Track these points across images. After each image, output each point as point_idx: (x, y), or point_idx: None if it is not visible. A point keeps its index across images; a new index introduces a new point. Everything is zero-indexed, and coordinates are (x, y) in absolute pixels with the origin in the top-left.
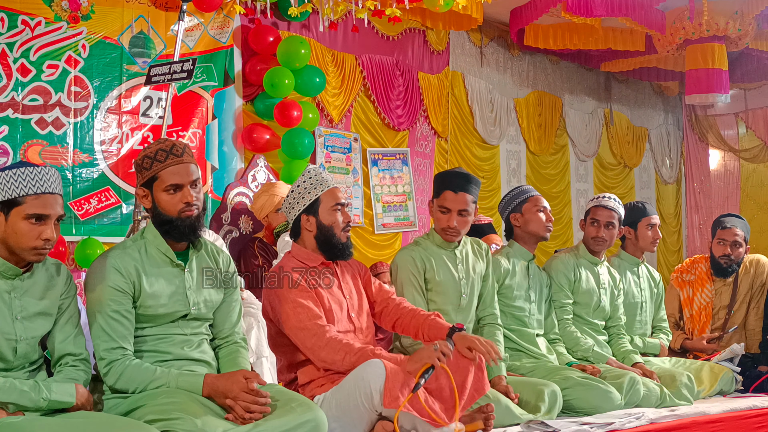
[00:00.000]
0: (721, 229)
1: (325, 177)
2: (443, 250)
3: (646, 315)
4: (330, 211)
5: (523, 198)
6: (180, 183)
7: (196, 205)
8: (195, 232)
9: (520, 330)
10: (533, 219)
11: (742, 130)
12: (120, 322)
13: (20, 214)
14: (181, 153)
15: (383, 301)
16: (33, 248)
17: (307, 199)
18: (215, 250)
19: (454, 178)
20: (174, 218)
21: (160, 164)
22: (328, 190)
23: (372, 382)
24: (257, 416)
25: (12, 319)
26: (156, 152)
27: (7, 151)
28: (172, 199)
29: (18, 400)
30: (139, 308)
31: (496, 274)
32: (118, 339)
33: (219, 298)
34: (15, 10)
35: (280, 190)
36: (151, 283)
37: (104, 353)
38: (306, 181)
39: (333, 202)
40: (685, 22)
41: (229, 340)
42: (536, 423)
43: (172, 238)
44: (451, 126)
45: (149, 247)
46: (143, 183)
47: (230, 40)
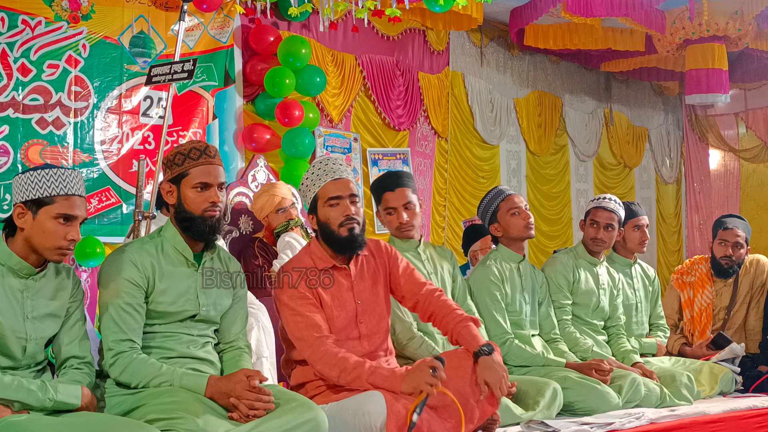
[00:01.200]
0: (722, 229)
1: (329, 169)
2: (407, 253)
3: (642, 316)
4: (324, 207)
5: (495, 206)
6: (209, 182)
7: (220, 207)
8: (214, 233)
9: (515, 333)
10: (510, 224)
11: (742, 130)
12: (131, 315)
13: (49, 213)
14: (213, 155)
15: (413, 296)
16: (58, 248)
17: (308, 200)
18: (227, 256)
19: (386, 179)
20: (197, 216)
21: (192, 161)
22: (326, 183)
23: (373, 418)
24: (261, 413)
25: (23, 318)
26: (190, 150)
27: (8, 151)
28: (199, 197)
29: (25, 399)
30: (150, 304)
31: (491, 285)
32: (127, 331)
33: (228, 303)
34: (15, 10)
35: (281, 191)
36: (164, 280)
37: (113, 344)
38: (309, 177)
39: (326, 196)
40: (685, 22)
41: (234, 345)
42: (536, 423)
43: (192, 236)
44: (451, 126)
45: (166, 245)
46: (171, 178)
47: (230, 40)
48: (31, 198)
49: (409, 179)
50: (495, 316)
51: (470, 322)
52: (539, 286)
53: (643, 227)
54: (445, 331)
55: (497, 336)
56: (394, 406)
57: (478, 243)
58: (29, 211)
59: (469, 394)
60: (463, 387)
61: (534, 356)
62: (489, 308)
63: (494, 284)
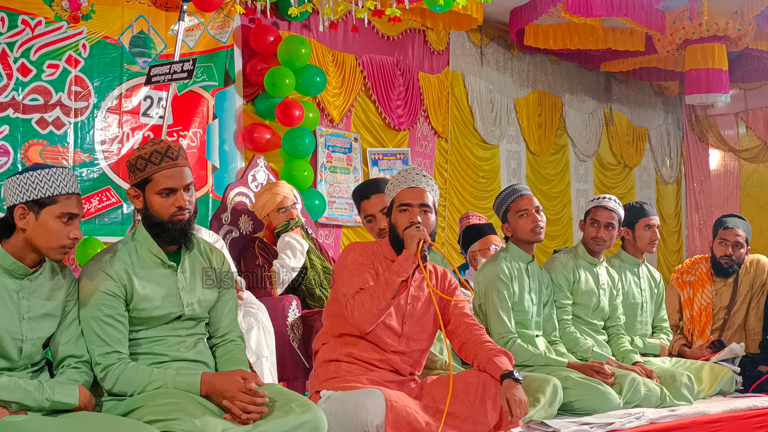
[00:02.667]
0: (723, 229)
1: (408, 177)
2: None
3: (647, 315)
4: (396, 211)
5: (506, 205)
6: (174, 187)
7: (188, 209)
8: (186, 236)
9: (520, 332)
10: (517, 225)
11: (742, 130)
12: (114, 327)
13: (53, 212)
14: (176, 156)
15: (456, 322)
16: (62, 246)
17: (387, 202)
18: (208, 248)
19: (362, 187)
20: (165, 221)
21: (154, 166)
22: (402, 190)
23: (371, 415)
24: (255, 416)
25: (19, 318)
26: (151, 154)
27: (8, 151)
28: (165, 202)
29: (22, 400)
30: (132, 311)
31: (500, 282)
32: (112, 343)
33: (213, 297)
34: (15, 10)
35: (282, 190)
36: (143, 285)
37: (99, 358)
38: (392, 182)
39: (399, 202)
40: (685, 22)
41: (226, 338)
42: (536, 423)
43: (163, 241)
44: (452, 126)
45: (140, 249)
46: (135, 183)
47: (230, 40)
48: (32, 198)
49: (384, 184)
50: (500, 315)
51: (502, 354)
52: (546, 288)
53: (654, 227)
54: (473, 359)
55: (500, 335)
56: (394, 405)
57: (477, 243)
58: (31, 212)
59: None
60: (469, 403)
61: (536, 356)
62: (495, 306)
63: (503, 282)
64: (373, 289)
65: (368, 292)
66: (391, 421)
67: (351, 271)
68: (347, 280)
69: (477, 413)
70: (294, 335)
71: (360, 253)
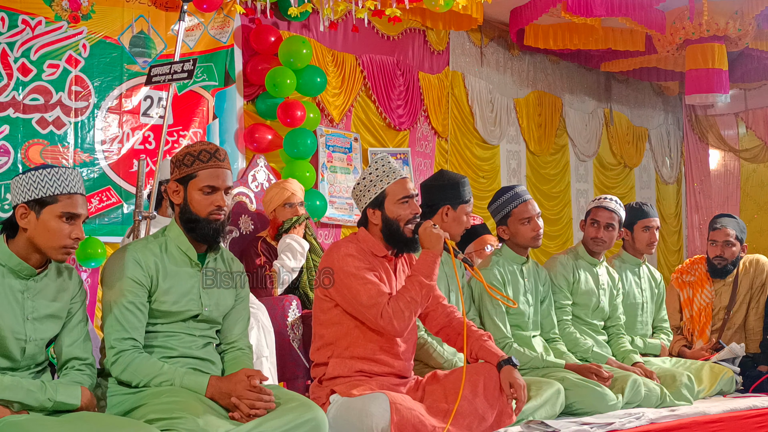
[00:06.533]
0: (712, 230)
1: (393, 167)
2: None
3: (647, 315)
4: (397, 204)
5: (508, 209)
6: (216, 186)
7: (225, 211)
8: (217, 236)
9: (516, 334)
10: (519, 232)
11: (742, 130)
12: (134, 314)
13: (54, 212)
14: (223, 158)
15: (431, 304)
16: (63, 247)
17: (372, 193)
18: (230, 257)
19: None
20: (202, 218)
21: (201, 164)
22: (394, 182)
23: (376, 420)
24: (262, 413)
25: (23, 319)
26: (200, 152)
27: (8, 151)
28: (205, 200)
29: (24, 399)
30: (153, 303)
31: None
32: (130, 330)
33: (230, 303)
34: (15, 10)
35: (292, 186)
36: (167, 280)
37: (115, 342)
38: (373, 173)
39: (400, 195)
40: (685, 22)
41: (235, 345)
42: (536, 423)
43: (195, 238)
44: (452, 126)
45: (170, 245)
46: (179, 178)
47: (231, 40)
48: (33, 198)
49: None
50: (495, 321)
51: (488, 338)
52: (542, 285)
53: (653, 229)
54: (460, 345)
55: (496, 340)
56: (399, 408)
57: (472, 244)
58: (32, 212)
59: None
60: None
61: (532, 359)
62: (490, 313)
63: (496, 288)
64: (405, 296)
65: (403, 300)
66: (396, 424)
67: (360, 279)
68: (362, 289)
69: (480, 409)
70: (294, 335)
71: (358, 258)
